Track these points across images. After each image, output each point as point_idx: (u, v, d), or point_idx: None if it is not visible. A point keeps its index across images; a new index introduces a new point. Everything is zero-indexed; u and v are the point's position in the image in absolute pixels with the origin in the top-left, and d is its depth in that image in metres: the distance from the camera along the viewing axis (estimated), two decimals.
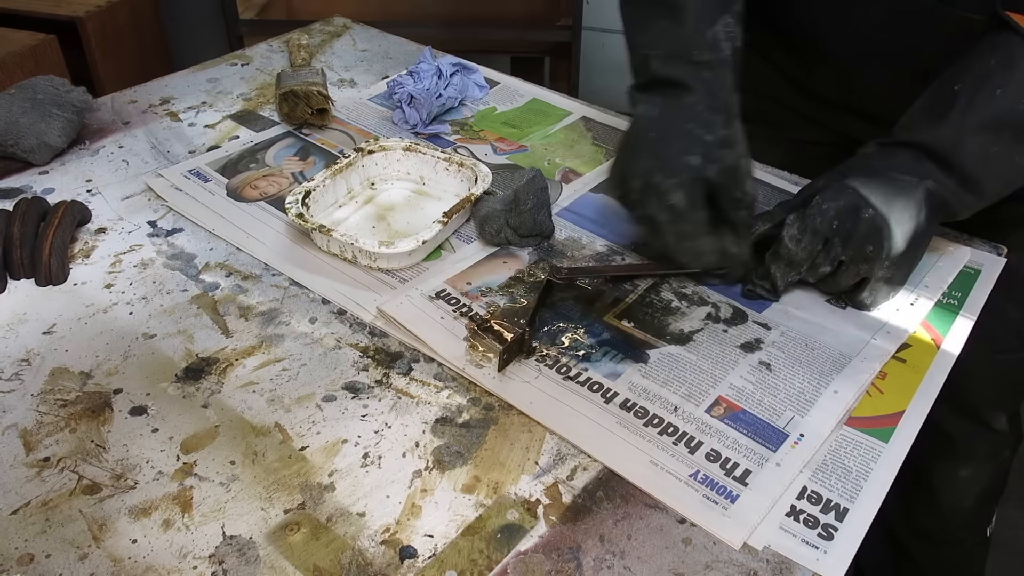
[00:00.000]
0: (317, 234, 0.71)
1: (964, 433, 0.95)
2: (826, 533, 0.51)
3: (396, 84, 0.94)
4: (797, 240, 0.66)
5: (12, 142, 0.81)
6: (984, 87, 0.65)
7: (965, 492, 1.00)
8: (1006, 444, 0.98)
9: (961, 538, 1.05)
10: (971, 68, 0.67)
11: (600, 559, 0.50)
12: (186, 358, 0.62)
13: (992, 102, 0.65)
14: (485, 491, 0.53)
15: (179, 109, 0.95)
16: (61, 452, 0.55)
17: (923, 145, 0.67)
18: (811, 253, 0.66)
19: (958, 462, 0.98)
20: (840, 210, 0.64)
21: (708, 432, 0.57)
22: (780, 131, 0.91)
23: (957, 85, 0.66)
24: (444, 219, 0.72)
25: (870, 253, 0.64)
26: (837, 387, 0.61)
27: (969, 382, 0.84)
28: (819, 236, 0.65)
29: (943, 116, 0.66)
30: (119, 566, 0.48)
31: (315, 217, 0.74)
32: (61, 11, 1.91)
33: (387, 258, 0.70)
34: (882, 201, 0.64)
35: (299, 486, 0.53)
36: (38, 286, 0.68)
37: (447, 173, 0.81)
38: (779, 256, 0.67)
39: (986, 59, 0.66)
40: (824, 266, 0.66)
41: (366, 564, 0.49)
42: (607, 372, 0.62)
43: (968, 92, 0.66)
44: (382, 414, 0.59)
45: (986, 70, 0.66)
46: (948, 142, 0.66)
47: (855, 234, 0.64)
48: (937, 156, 0.66)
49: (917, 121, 0.69)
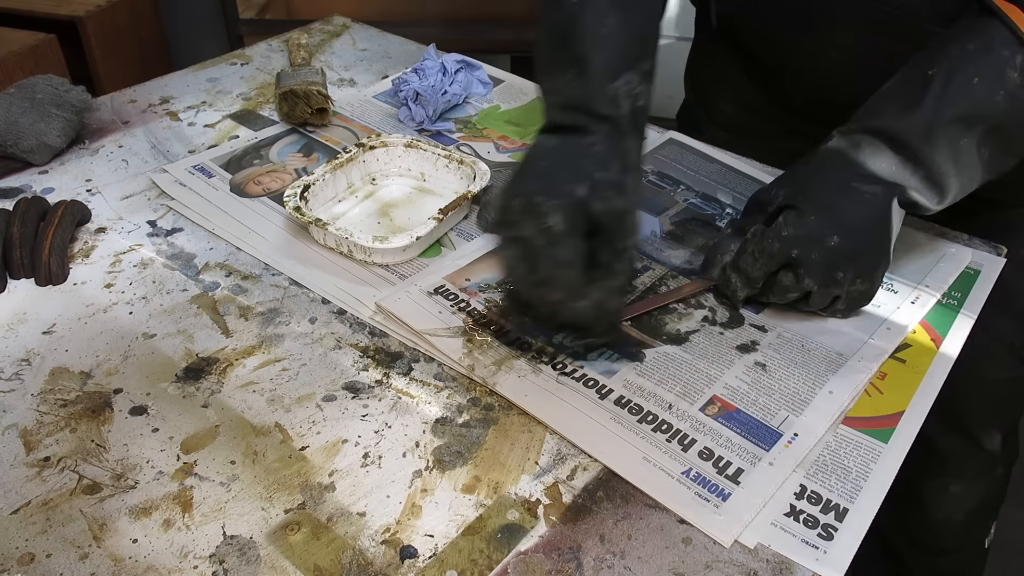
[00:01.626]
0: (314, 227, 0.72)
1: (954, 450, 0.94)
2: (826, 533, 0.51)
3: (401, 81, 0.94)
4: (755, 259, 0.64)
5: (12, 142, 0.81)
6: (960, 74, 0.62)
7: (957, 507, 0.98)
8: (999, 462, 0.96)
9: (957, 548, 1.03)
10: (947, 51, 0.63)
11: (600, 559, 0.50)
12: (186, 358, 0.62)
13: (968, 91, 0.61)
14: (485, 491, 0.53)
15: (179, 108, 0.95)
16: (61, 452, 0.55)
17: (891, 134, 0.63)
18: (766, 273, 0.64)
19: (947, 478, 0.96)
20: (802, 240, 0.62)
21: (701, 430, 0.57)
22: (763, 142, 0.90)
23: (931, 69, 0.63)
24: (439, 215, 0.72)
25: (840, 278, 0.63)
26: (832, 387, 0.61)
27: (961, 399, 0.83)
28: (775, 261, 0.63)
29: (915, 103, 0.63)
30: (120, 566, 0.48)
31: (314, 211, 0.74)
32: (61, 11, 1.91)
33: (381, 253, 0.70)
34: (847, 227, 0.62)
35: (299, 486, 0.53)
36: (38, 286, 0.68)
37: (447, 170, 0.82)
38: (738, 268, 0.66)
39: (963, 43, 0.63)
40: (793, 292, 0.64)
41: (366, 564, 0.49)
42: (602, 369, 0.62)
43: (943, 78, 0.62)
44: (382, 414, 0.59)
45: (963, 55, 0.62)
46: (919, 132, 0.62)
47: (823, 263, 0.62)
48: (906, 147, 0.63)
49: (885, 105, 0.65)
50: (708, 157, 0.88)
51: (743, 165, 0.87)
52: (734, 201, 0.81)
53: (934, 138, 0.62)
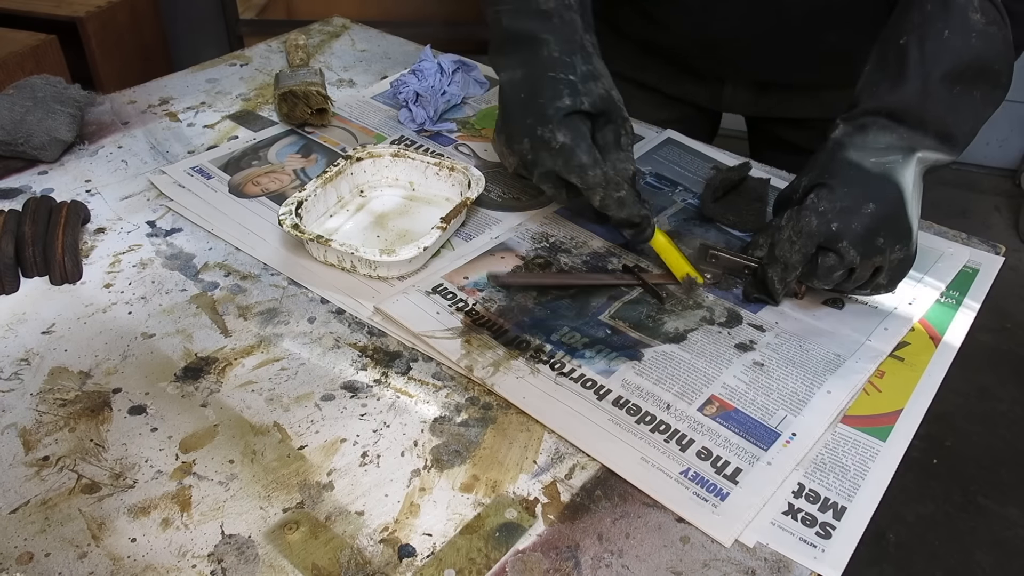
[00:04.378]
0: (315, 245, 0.70)
1: None
2: (824, 532, 0.52)
3: (400, 83, 0.94)
4: (792, 242, 0.64)
5: (23, 140, 0.81)
6: (930, 33, 0.64)
7: None
8: None
9: None
10: (909, 19, 0.66)
11: (598, 557, 0.50)
12: (185, 357, 0.62)
13: (944, 45, 0.64)
14: (483, 490, 0.54)
15: (178, 109, 0.95)
16: (60, 451, 0.55)
17: (890, 110, 0.65)
18: (805, 256, 0.64)
19: None
20: (839, 212, 0.63)
21: (700, 430, 0.57)
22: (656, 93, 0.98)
23: (902, 39, 0.66)
24: (443, 224, 0.72)
25: (881, 244, 0.63)
26: (831, 387, 0.61)
27: None
28: (814, 239, 0.63)
29: (901, 74, 0.65)
30: (118, 565, 0.48)
31: (308, 227, 0.73)
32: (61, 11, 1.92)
33: (387, 266, 0.70)
34: (878, 194, 0.63)
35: (298, 485, 0.53)
36: (53, 284, 0.68)
37: (437, 178, 0.81)
38: (775, 259, 0.66)
39: (920, 6, 0.66)
40: (839, 271, 0.64)
41: (365, 563, 0.49)
42: (600, 369, 0.62)
43: (916, 42, 0.65)
44: (381, 413, 0.59)
45: (925, 16, 0.65)
46: (915, 99, 0.65)
47: (863, 231, 0.62)
48: (908, 117, 0.65)
49: (874, 84, 0.67)
50: (706, 157, 0.89)
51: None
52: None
53: (930, 99, 0.65)
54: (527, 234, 0.76)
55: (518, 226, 0.77)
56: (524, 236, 0.76)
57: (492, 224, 0.78)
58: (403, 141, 0.90)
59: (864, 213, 0.63)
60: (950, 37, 0.64)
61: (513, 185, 0.83)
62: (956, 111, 0.65)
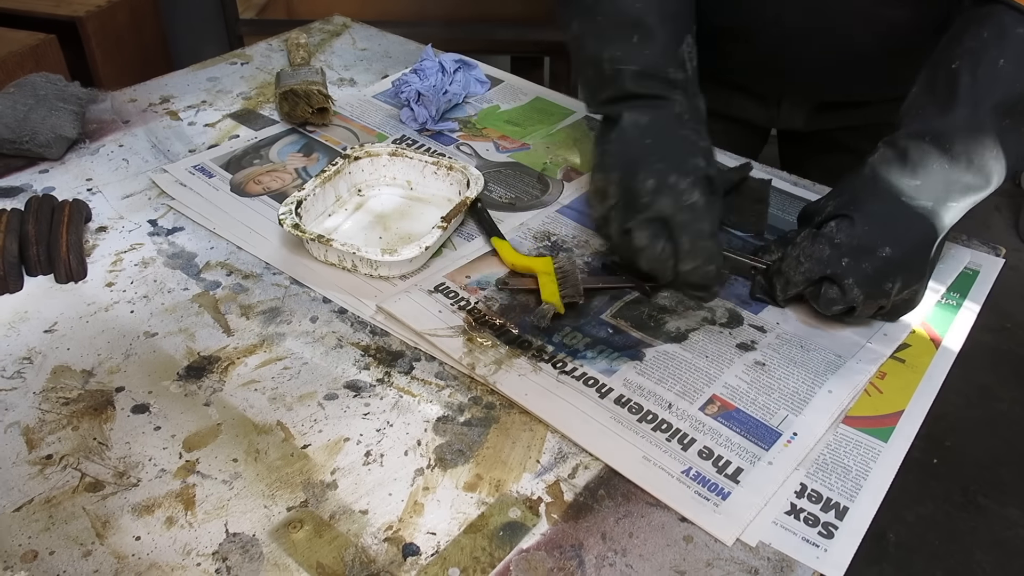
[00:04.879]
0: (315, 245, 0.70)
1: None
2: (826, 531, 0.52)
3: (402, 83, 0.94)
4: (799, 263, 0.64)
5: (28, 137, 0.81)
6: (983, 60, 0.62)
7: None
8: None
9: None
10: (963, 44, 0.64)
11: (602, 556, 0.50)
12: (187, 356, 0.62)
13: (996, 75, 0.62)
14: (487, 489, 0.54)
15: (179, 108, 0.95)
16: (64, 450, 0.55)
17: (936, 134, 0.63)
18: (808, 279, 0.64)
19: None
20: (854, 249, 0.62)
21: (701, 430, 0.58)
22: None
23: (954, 63, 0.63)
24: (443, 224, 0.72)
25: (888, 289, 0.62)
26: (831, 387, 0.61)
27: None
28: (822, 267, 0.63)
29: (951, 98, 0.63)
30: (123, 563, 0.48)
31: (307, 227, 0.73)
32: (61, 11, 1.91)
33: (389, 266, 0.70)
34: (898, 238, 0.62)
35: (302, 484, 0.53)
36: (58, 283, 0.68)
37: (435, 177, 0.81)
38: (780, 272, 0.66)
39: (976, 32, 0.63)
40: (839, 305, 0.63)
41: (369, 561, 0.49)
42: (602, 368, 0.62)
43: (969, 68, 0.62)
44: (384, 412, 0.59)
45: (981, 43, 0.63)
46: (963, 126, 0.62)
47: (873, 273, 0.62)
48: (953, 144, 0.62)
49: (920, 107, 0.65)
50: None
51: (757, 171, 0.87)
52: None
53: (978, 128, 0.62)
54: (529, 233, 0.76)
55: (520, 226, 0.77)
56: (526, 235, 0.76)
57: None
58: (404, 140, 0.90)
59: (878, 256, 0.62)
60: (1004, 66, 0.62)
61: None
62: (1002, 145, 0.62)
